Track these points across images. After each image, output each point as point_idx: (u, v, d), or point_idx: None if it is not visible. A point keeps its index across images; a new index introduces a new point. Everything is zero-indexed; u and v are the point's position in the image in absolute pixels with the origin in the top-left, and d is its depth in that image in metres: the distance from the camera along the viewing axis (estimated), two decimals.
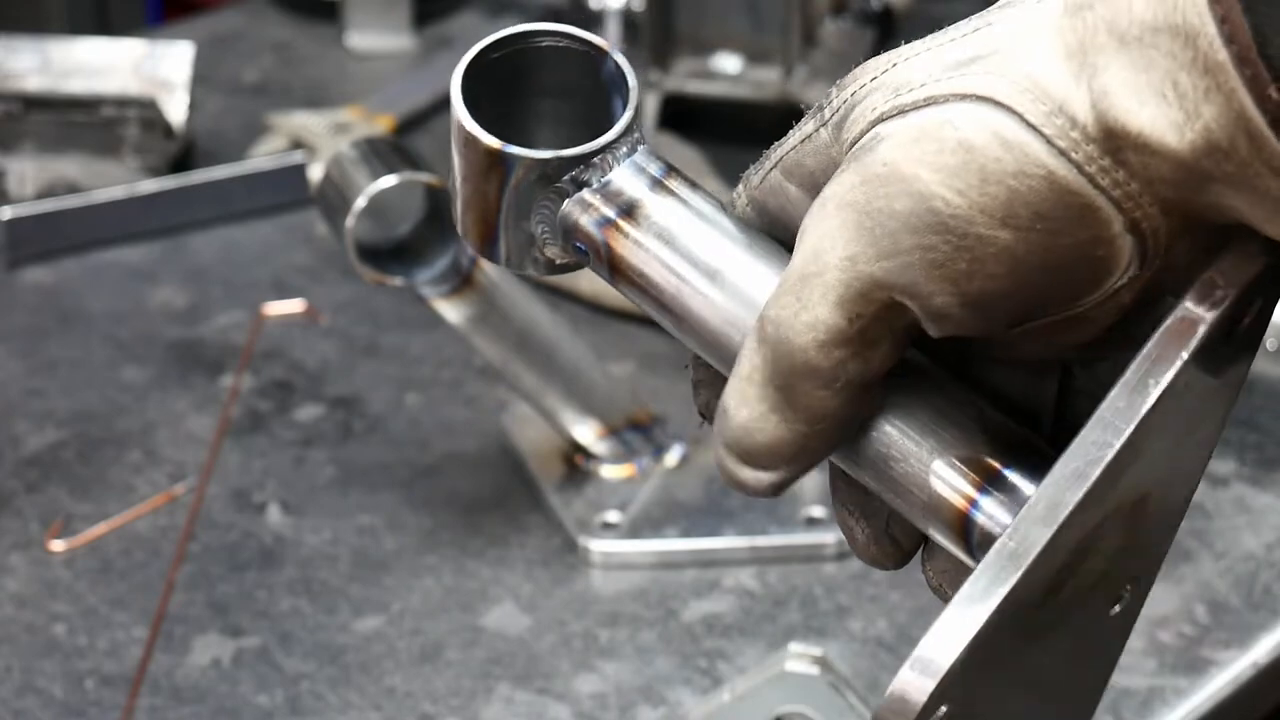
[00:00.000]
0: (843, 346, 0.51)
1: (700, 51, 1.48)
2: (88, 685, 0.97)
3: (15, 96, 1.41)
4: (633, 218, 0.57)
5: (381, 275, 1.01)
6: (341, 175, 1.00)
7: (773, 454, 0.53)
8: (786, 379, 0.52)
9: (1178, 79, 0.47)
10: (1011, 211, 0.49)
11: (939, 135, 0.50)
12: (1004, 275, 0.49)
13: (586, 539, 1.06)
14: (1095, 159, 0.48)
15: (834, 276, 0.51)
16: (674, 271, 0.56)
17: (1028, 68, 0.49)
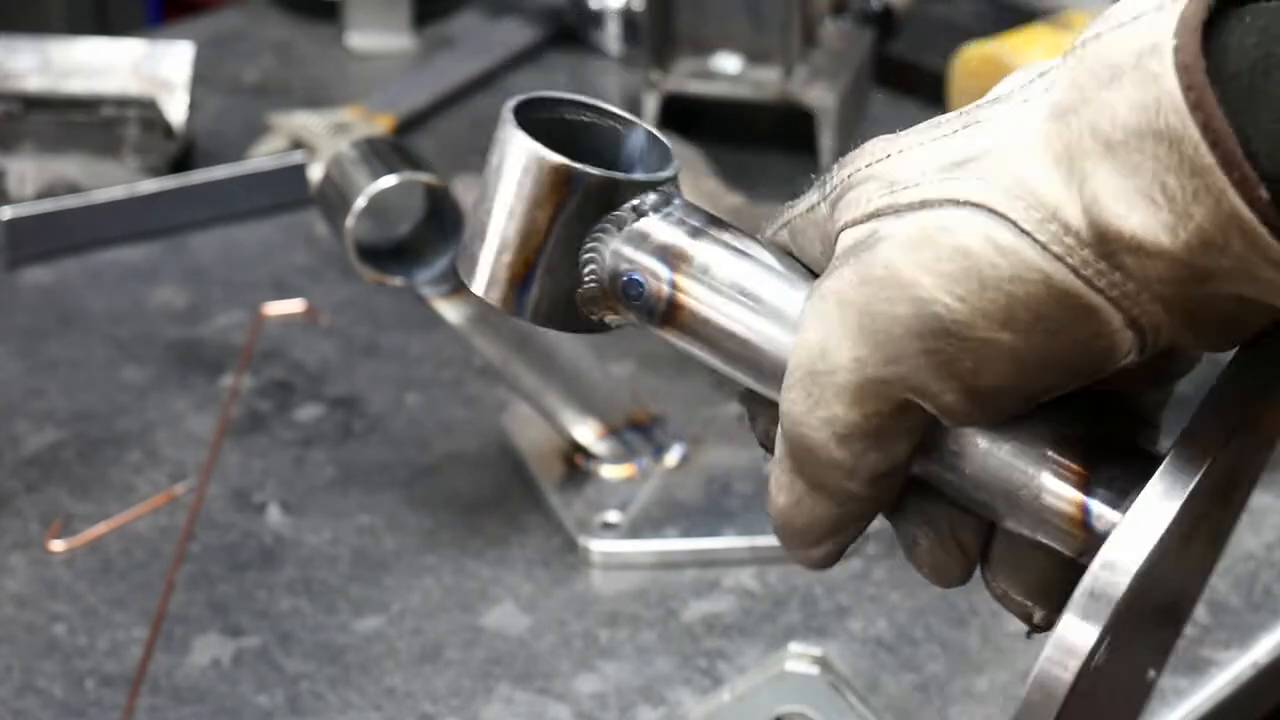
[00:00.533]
0: (860, 440, 0.53)
1: (700, 51, 1.48)
2: (88, 685, 0.97)
3: (15, 96, 1.41)
4: (695, 245, 0.56)
5: (381, 275, 1.01)
6: (341, 175, 1.00)
7: (814, 533, 0.57)
8: (810, 470, 0.55)
9: (1166, 182, 0.48)
10: (1012, 315, 0.50)
11: (936, 241, 0.51)
12: (1009, 373, 0.51)
13: (586, 539, 1.06)
14: (1091, 263, 0.49)
15: (844, 378, 0.53)
16: (735, 301, 0.56)
17: (1018, 173, 0.50)
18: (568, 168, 0.55)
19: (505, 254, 0.57)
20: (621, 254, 0.56)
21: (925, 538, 0.57)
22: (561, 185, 0.56)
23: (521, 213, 0.56)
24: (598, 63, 1.67)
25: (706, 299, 0.56)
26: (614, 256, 0.57)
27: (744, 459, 1.11)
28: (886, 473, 0.54)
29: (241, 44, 1.71)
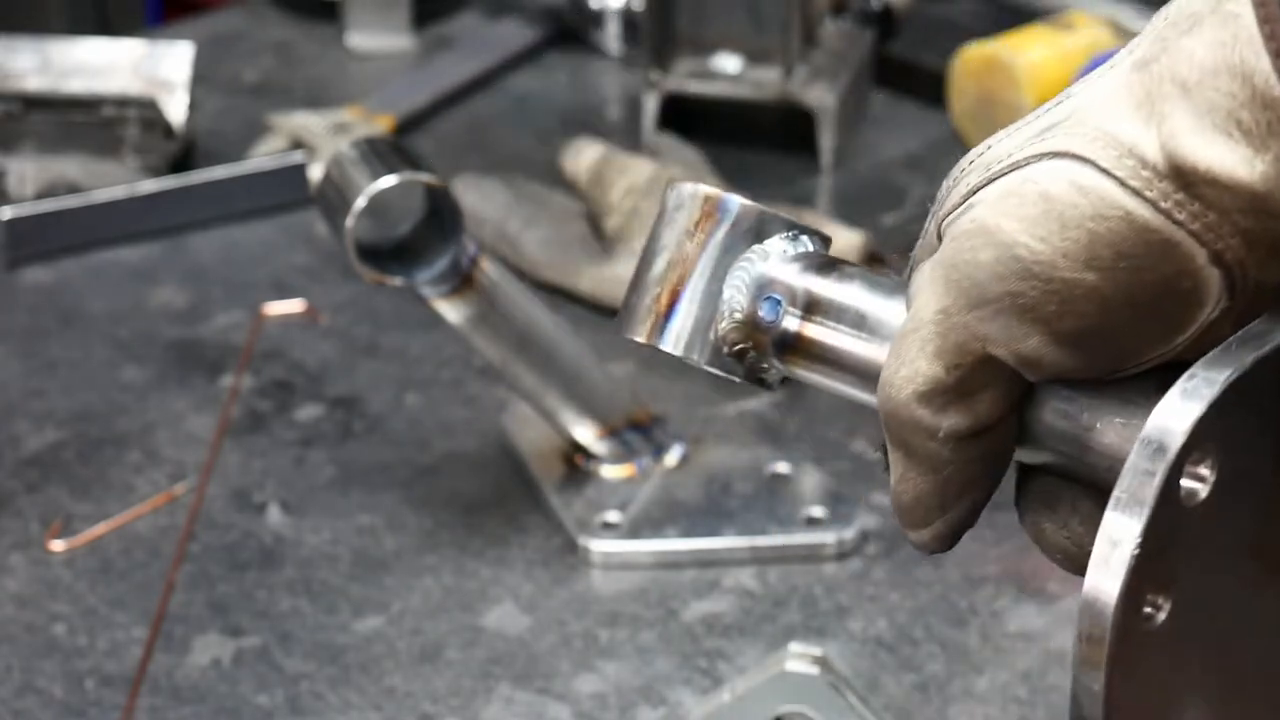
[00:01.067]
0: (942, 396, 0.54)
1: (700, 52, 1.48)
2: (88, 685, 0.97)
3: (15, 96, 1.41)
4: (828, 277, 0.59)
5: (381, 275, 1.01)
6: (341, 175, 1.00)
7: (920, 509, 0.56)
8: (898, 435, 0.55)
9: (1241, 117, 0.49)
10: (1094, 253, 0.51)
11: (1020, 190, 0.52)
12: (1094, 314, 0.51)
13: (586, 539, 1.06)
14: (1170, 194, 0.50)
15: (928, 330, 0.53)
16: (857, 326, 0.58)
17: (1099, 121, 0.52)
18: (719, 195, 0.59)
19: (655, 288, 0.60)
20: (763, 277, 0.59)
21: (1048, 520, 0.57)
22: (713, 212, 0.59)
23: (673, 245, 0.60)
24: (598, 63, 1.67)
25: (833, 324, 0.59)
26: (755, 280, 0.59)
27: (744, 459, 1.11)
28: (972, 434, 0.54)
29: (241, 44, 1.71)
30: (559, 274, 1.30)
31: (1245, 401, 0.49)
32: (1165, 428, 0.47)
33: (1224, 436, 0.48)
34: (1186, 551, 0.49)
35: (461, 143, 1.54)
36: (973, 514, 0.57)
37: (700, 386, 1.20)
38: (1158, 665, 0.49)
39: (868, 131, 1.55)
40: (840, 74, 1.49)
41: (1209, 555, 0.50)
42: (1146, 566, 0.47)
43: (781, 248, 0.60)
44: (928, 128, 1.55)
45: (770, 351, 0.60)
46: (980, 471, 0.56)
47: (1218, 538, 0.50)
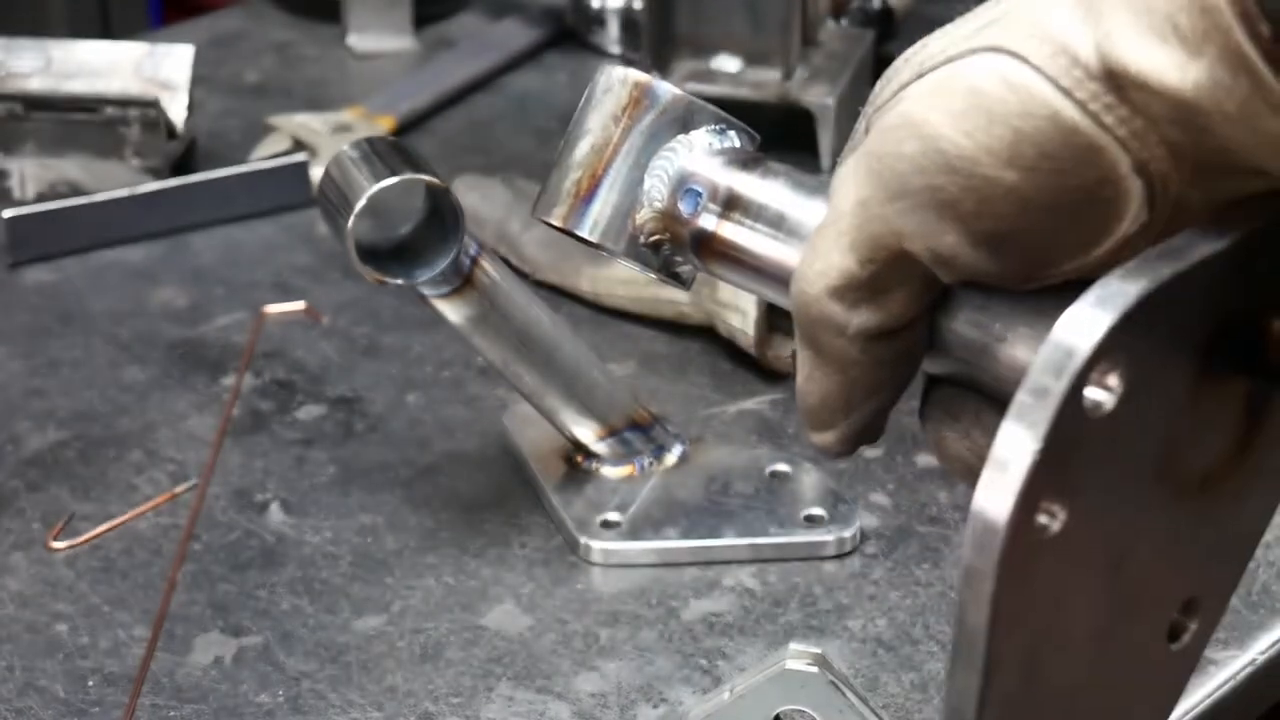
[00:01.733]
0: (854, 291, 0.53)
1: (700, 52, 1.48)
2: (89, 684, 0.97)
3: (17, 97, 1.41)
4: (751, 174, 0.58)
5: (382, 276, 1.01)
6: (342, 176, 1.00)
7: (827, 410, 0.55)
8: (809, 330, 0.54)
9: (1178, 21, 0.48)
10: (1017, 152, 0.50)
11: (949, 85, 0.51)
12: (1012, 215, 0.50)
13: (587, 539, 1.06)
14: (1099, 96, 0.49)
15: (846, 222, 0.53)
16: (776, 225, 0.57)
17: (1036, 17, 0.51)
18: (648, 81, 0.59)
19: (576, 171, 0.59)
20: (685, 169, 0.58)
21: (950, 429, 0.56)
22: (641, 98, 0.58)
23: (598, 129, 0.59)
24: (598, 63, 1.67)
25: (750, 223, 0.57)
26: (678, 172, 0.58)
27: (744, 459, 1.11)
28: (881, 334, 0.53)
29: (242, 45, 1.72)
30: (559, 274, 1.30)
31: (1159, 316, 0.48)
32: (1070, 337, 0.46)
33: (1133, 350, 0.47)
34: (1086, 463, 0.47)
35: (462, 143, 1.54)
36: (877, 418, 0.56)
37: (700, 387, 1.21)
38: (1048, 576, 0.48)
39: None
40: (840, 75, 1.49)
41: (1110, 469, 0.49)
42: (1042, 477, 0.46)
43: (708, 140, 0.59)
44: None
45: (687, 246, 0.58)
46: (887, 374, 0.55)
47: (1120, 452, 0.49)
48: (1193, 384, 0.51)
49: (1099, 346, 0.46)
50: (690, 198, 0.58)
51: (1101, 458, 0.48)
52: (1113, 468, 0.49)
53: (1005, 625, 0.47)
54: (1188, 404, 0.51)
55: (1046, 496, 0.47)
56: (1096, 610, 0.51)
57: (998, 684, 0.47)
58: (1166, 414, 0.51)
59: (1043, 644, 0.49)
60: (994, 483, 0.45)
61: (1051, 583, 0.48)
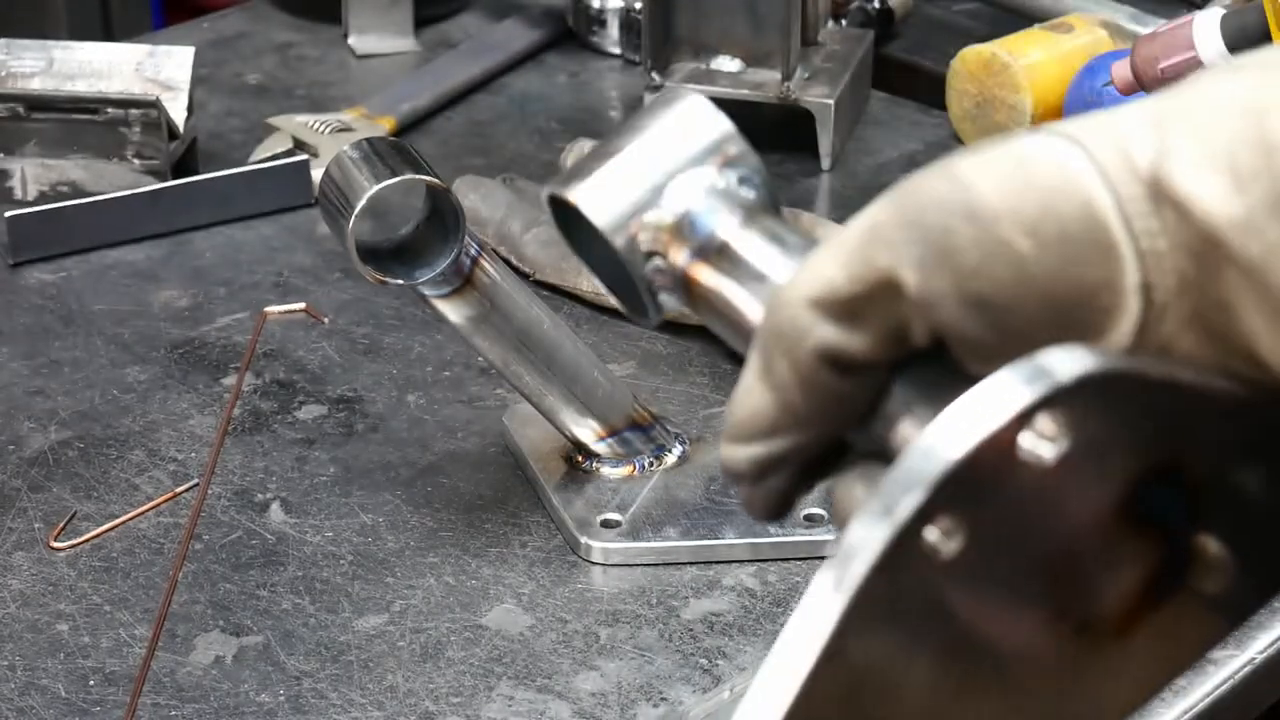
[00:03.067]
0: (829, 305, 0.52)
1: (700, 53, 1.48)
2: (91, 684, 0.97)
3: (19, 97, 1.41)
4: (754, 226, 0.59)
5: (383, 276, 1.01)
6: (343, 176, 1.00)
7: (751, 425, 0.54)
8: (768, 336, 0.53)
9: (1236, 153, 0.48)
10: (1040, 223, 0.49)
11: (1002, 150, 0.51)
12: (1008, 284, 0.50)
13: (587, 538, 1.06)
14: (1137, 200, 0.49)
15: (850, 235, 0.52)
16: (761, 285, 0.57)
17: (1105, 118, 0.51)
18: (710, 108, 0.60)
19: (606, 159, 0.59)
20: (702, 201, 0.59)
21: (855, 494, 0.55)
22: (698, 119, 0.60)
23: (644, 133, 0.59)
24: (598, 63, 1.67)
25: (728, 275, 0.58)
26: (692, 201, 0.59)
27: None
28: (836, 360, 0.52)
29: (243, 46, 1.72)
30: (559, 274, 1.30)
31: (1106, 400, 0.47)
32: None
33: (1072, 418, 0.46)
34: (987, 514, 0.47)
35: (462, 144, 1.54)
36: (790, 456, 0.54)
37: (700, 387, 1.21)
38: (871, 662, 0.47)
39: (867, 132, 1.55)
40: (840, 75, 1.49)
41: (998, 545, 0.48)
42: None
43: (736, 182, 0.59)
44: (927, 129, 1.55)
45: (676, 274, 0.59)
46: (822, 411, 0.53)
47: (1011, 536, 0.48)
48: (1117, 507, 0.50)
49: (1036, 402, 0.45)
50: (699, 226, 0.58)
51: (1009, 517, 0.47)
52: (1014, 543, 0.48)
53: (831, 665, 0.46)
54: (1104, 526, 0.50)
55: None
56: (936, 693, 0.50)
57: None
58: (1084, 517, 0.49)
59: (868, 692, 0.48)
60: (821, 590, 0.46)
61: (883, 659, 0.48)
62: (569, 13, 1.70)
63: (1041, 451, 0.47)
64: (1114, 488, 0.49)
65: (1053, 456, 0.47)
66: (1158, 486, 0.50)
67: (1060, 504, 0.48)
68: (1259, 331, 0.49)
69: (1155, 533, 0.51)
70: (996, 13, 1.66)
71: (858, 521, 0.46)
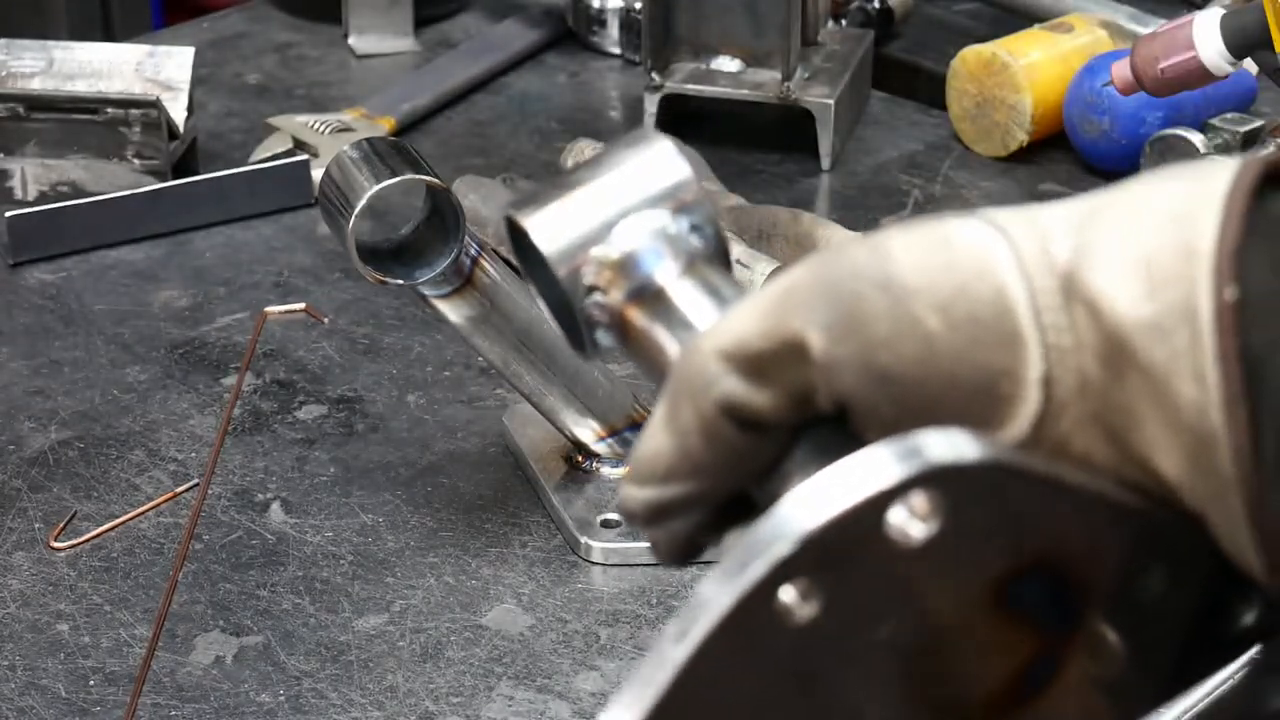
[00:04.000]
0: (737, 360, 0.52)
1: (700, 53, 1.48)
2: (91, 683, 0.97)
3: (19, 98, 1.41)
4: (693, 277, 0.59)
5: (383, 276, 1.01)
6: (343, 176, 1.00)
7: (649, 468, 0.54)
8: (675, 383, 0.53)
9: (1155, 259, 0.48)
10: (951, 304, 0.49)
11: (927, 229, 0.51)
12: (912, 360, 0.50)
13: (587, 538, 1.06)
14: (1050, 292, 0.49)
15: (769, 293, 0.52)
16: (686, 334, 0.57)
17: (1034, 213, 0.51)
18: (674, 153, 0.59)
19: (570, 191, 0.60)
20: (647, 243, 0.59)
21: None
22: (661, 164, 0.59)
23: (605, 169, 0.60)
24: (598, 63, 1.67)
25: (660, 321, 0.58)
26: (638, 242, 0.59)
27: None
28: (738, 414, 0.52)
29: (243, 46, 1.72)
30: None
31: (977, 496, 0.47)
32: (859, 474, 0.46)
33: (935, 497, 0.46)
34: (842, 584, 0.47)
35: (462, 144, 1.54)
36: (686, 504, 0.54)
37: None
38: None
39: (867, 132, 1.55)
40: (840, 75, 1.49)
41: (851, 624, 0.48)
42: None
43: (687, 229, 0.59)
44: (927, 129, 1.55)
45: (612, 312, 0.59)
46: (720, 463, 0.53)
47: (867, 617, 0.48)
48: (987, 595, 0.49)
49: (906, 480, 0.46)
50: (641, 266, 0.59)
51: (870, 590, 0.47)
52: (874, 615, 0.48)
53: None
54: (972, 612, 0.50)
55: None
56: None
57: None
58: (950, 602, 0.49)
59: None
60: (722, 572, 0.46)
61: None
62: (569, 13, 1.70)
63: (911, 530, 0.47)
64: (986, 577, 0.49)
65: (921, 536, 0.47)
66: (1034, 582, 0.50)
67: (928, 585, 0.48)
68: (1157, 442, 0.48)
69: (1029, 627, 0.51)
70: (996, 13, 1.66)
71: (709, 578, 0.46)
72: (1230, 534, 0.48)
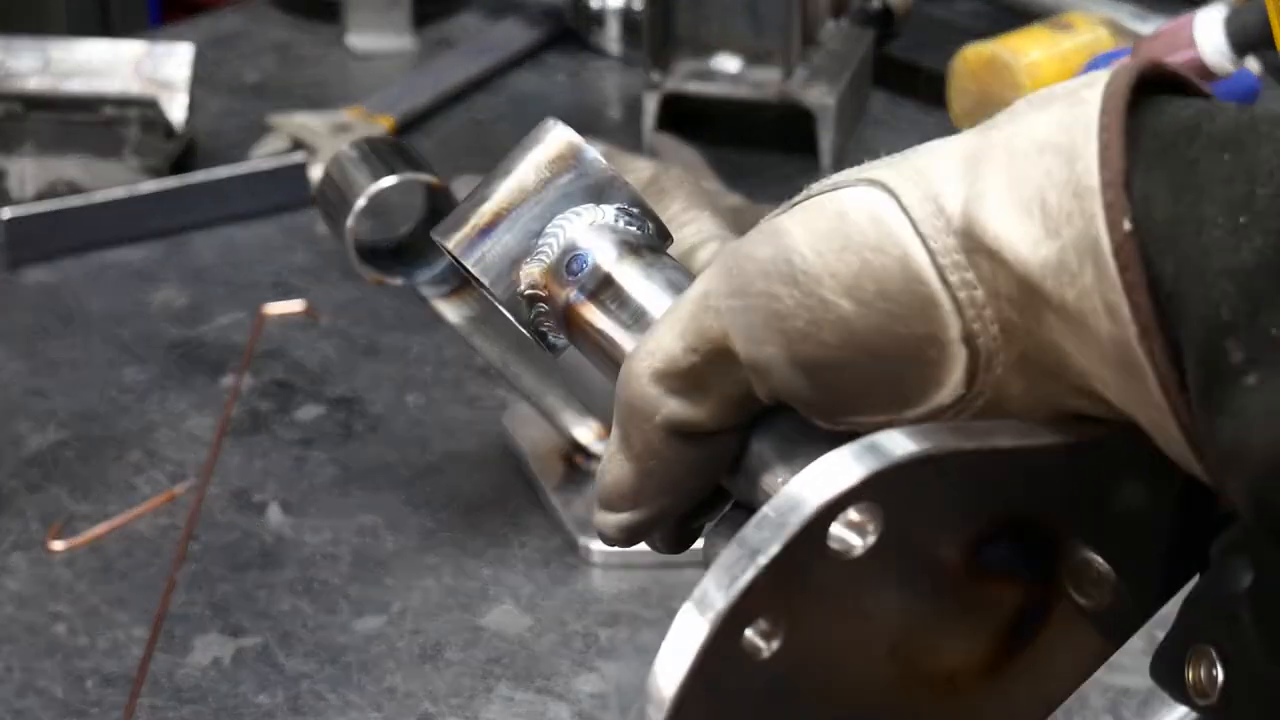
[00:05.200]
0: (672, 379, 0.52)
1: (700, 52, 1.48)
2: (88, 685, 0.97)
3: (16, 97, 1.41)
4: (636, 261, 0.58)
5: (382, 275, 1.01)
6: (342, 175, 1.00)
7: (617, 494, 0.55)
8: (622, 409, 0.54)
9: (1047, 197, 0.47)
10: (858, 283, 0.49)
11: (822, 206, 0.51)
12: (835, 346, 0.50)
13: (586, 539, 1.06)
14: (951, 251, 0.49)
15: (685, 309, 0.52)
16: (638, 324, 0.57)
17: (921, 162, 0.51)
18: (580, 144, 0.59)
19: (483, 205, 0.60)
20: (580, 236, 0.59)
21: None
22: (569, 156, 0.59)
23: (519, 172, 0.60)
24: (598, 63, 1.67)
25: (611, 310, 0.58)
26: (572, 237, 0.59)
27: None
28: (686, 432, 0.53)
29: (242, 44, 1.72)
30: None
31: (925, 490, 0.47)
32: (802, 490, 0.46)
33: (887, 508, 0.46)
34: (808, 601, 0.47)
35: (462, 143, 1.54)
36: (660, 519, 0.55)
37: None
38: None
39: (868, 131, 1.55)
40: (840, 74, 1.49)
41: (830, 624, 0.49)
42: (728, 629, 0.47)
43: (613, 218, 0.59)
44: (927, 128, 1.55)
45: (559, 313, 0.59)
46: (683, 477, 0.54)
47: (850, 610, 0.49)
48: (951, 573, 0.50)
49: (834, 500, 0.46)
50: (576, 264, 0.59)
51: (828, 606, 0.47)
52: (839, 626, 0.48)
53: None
54: (941, 591, 0.50)
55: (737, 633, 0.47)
56: None
57: None
58: (913, 591, 0.49)
59: None
60: (680, 630, 0.47)
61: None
62: (568, 12, 1.70)
63: (852, 540, 0.47)
64: (945, 557, 0.49)
65: (863, 545, 0.47)
66: (1000, 541, 0.50)
67: (885, 583, 0.48)
68: (1090, 371, 0.48)
69: (1006, 584, 0.51)
70: (997, 11, 1.66)
71: (680, 618, 0.47)
72: (1177, 453, 0.48)
